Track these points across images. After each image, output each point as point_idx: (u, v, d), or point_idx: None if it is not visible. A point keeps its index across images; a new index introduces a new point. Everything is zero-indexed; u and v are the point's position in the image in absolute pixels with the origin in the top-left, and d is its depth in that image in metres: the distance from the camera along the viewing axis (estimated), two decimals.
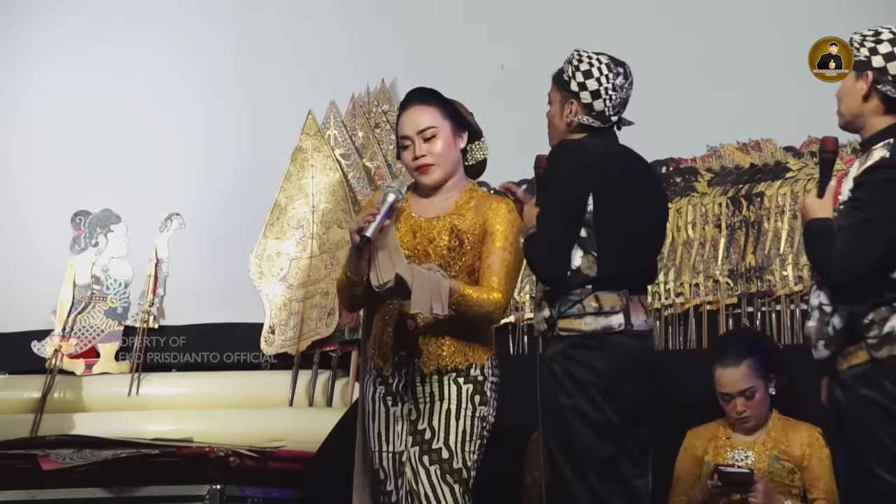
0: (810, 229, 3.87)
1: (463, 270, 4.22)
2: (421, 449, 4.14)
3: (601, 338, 4.15)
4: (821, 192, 3.90)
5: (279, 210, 6.42)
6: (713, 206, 5.99)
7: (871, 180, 3.76)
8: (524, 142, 4.66)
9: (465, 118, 4.34)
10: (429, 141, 4.27)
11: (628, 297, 4.20)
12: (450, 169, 4.30)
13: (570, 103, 4.29)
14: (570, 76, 4.29)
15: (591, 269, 4.16)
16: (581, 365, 4.13)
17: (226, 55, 6.71)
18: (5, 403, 6.23)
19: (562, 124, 4.32)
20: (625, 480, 4.19)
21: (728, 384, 5.02)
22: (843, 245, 3.74)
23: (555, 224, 4.17)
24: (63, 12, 6.83)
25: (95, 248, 6.55)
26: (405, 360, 4.20)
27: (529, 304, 5.99)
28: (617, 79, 4.29)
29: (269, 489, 5.38)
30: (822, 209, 3.86)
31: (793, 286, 5.77)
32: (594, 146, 4.26)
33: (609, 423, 4.13)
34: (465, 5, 6.52)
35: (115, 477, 5.18)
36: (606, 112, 4.28)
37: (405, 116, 4.32)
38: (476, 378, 4.20)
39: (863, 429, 3.74)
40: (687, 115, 6.05)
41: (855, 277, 3.73)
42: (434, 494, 4.09)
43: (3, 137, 6.80)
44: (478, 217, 4.24)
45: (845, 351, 3.78)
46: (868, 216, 3.73)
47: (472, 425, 4.16)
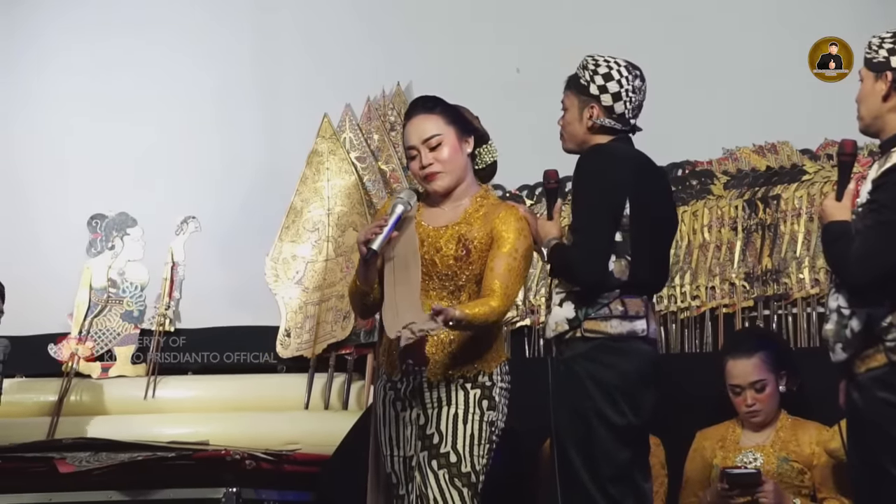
0: (828, 232, 3.87)
1: (471, 280, 4.21)
2: (430, 453, 4.14)
3: (626, 341, 4.16)
4: (839, 195, 3.89)
5: (295, 213, 6.43)
6: (729, 208, 5.98)
7: (889, 182, 3.76)
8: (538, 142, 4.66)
9: (469, 123, 4.33)
10: (434, 149, 4.26)
11: (648, 303, 4.23)
12: (458, 174, 4.29)
13: (590, 107, 4.29)
14: (588, 80, 4.28)
15: (624, 274, 4.17)
16: (607, 368, 4.13)
17: (241, 57, 6.72)
18: (22, 406, 6.24)
19: (580, 129, 4.31)
20: (636, 484, 4.20)
21: (739, 375, 5.01)
22: (861, 247, 3.74)
23: (597, 230, 4.16)
24: (73, 11, 6.84)
25: (112, 251, 6.56)
26: (412, 368, 4.20)
27: (545, 307, 5.98)
28: (635, 81, 4.30)
29: (285, 492, 5.39)
30: (841, 212, 3.86)
31: (809, 289, 5.76)
32: (625, 150, 4.27)
33: (629, 426, 4.14)
34: (479, 7, 6.52)
35: (132, 480, 5.19)
36: (626, 115, 4.29)
37: (409, 127, 4.32)
38: (484, 384, 4.19)
39: (880, 430, 3.74)
40: (703, 118, 6.05)
41: (872, 279, 3.73)
42: (443, 498, 4.08)
43: (20, 140, 6.81)
44: (486, 225, 4.23)
45: (863, 354, 3.78)
46: (886, 218, 3.73)
47: (480, 429, 4.15)
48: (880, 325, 3.74)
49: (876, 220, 3.75)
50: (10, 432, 5.77)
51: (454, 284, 4.19)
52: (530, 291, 6.11)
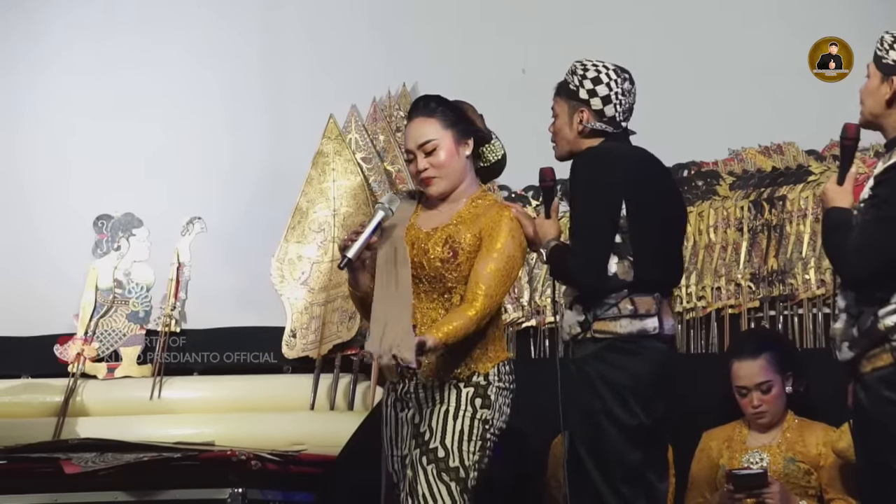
0: (829, 218, 3.86)
1: (460, 281, 4.18)
2: (421, 450, 4.14)
3: (636, 341, 4.15)
4: (840, 179, 3.89)
5: (300, 214, 6.43)
6: (735, 209, 5.98)
7: (891, 178, 3.75)
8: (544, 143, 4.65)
9: (470, 123, 4.32)
10: (430, 154, 4.26)
11: (661, 301, 4.21)
12: (454, 178, 4.28)
13: (580, 112, 4.30)
14: (577, 85, 4.30)
15: (628, 275, 4.17)
16: (617, 369, 4.13)
17: (247, 58, 6.72)
18: (28, 407, 6.25)
19: (572, 134, 4.32)
20: (649, 485, 4.20)
21: (745, 377, 5.01)
22: (859, 239, 3.73)
23: (594, 234, 4.17)
24: (78, 9, 6.84)
25: (117, 251, 6.57)
26: (407, 370, 4.19)
27: (551, 308, 5.99)
28: (624, 84, 4.31)
29: (291, 493, 5.38)
30: (842, 197, 3.85)
31: (815, 290, 5.76)
32: (619, 150, 4.27)
33: (640, 427, 4.14)
34: (485, 8, 6.52)
35: (138, 480, 5.18)
36: (617, 117, 4.29)
37: (408, 130, 4.33)
38: (479, 383, 4.17)
39: (886, 431, 3.74)
40: (709, 119, 6.04)
41: (869, 273, 3.72)
42: (430, 493, 4.08)
43: (25, 140, 6.81)
44: (475, 227, 4.20)
45: (869, 353, 3.78)
46: (886, 213, 3.72)
47: (472, 426, 4.13)
48: (886, 325, 3.73)
49: (876, 215, 3.74)
50: (16, 433, 5.77)
51: (443, 286, 4.18)
52: (536, 292, 6.11)
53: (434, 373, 4.16)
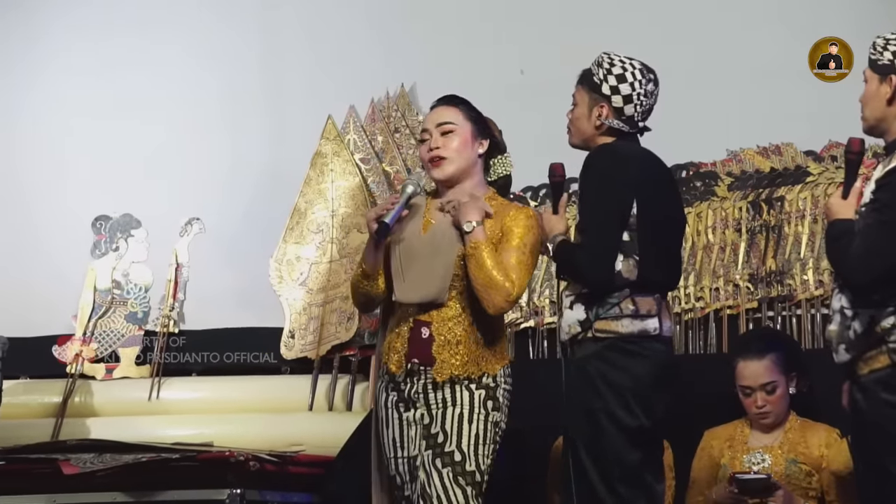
0: (832, 229, 3.86)
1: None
2: (434, 452, 4.14)
3: (637, 342, 4.15)
4: (845, 194, 3.89)
5: (299, 215, 6.43)
6: (733, 210, 5.98)
7: (893, 182, 3.75)
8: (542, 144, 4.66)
9: (488, 128, 4.35)
10: (445, 135, 4.28)
11: (661, 302, 4.21)
12: (462, 166, 4.29)
13: (600, 106, 4.28)
14: (601, 79, 4.28)
15: (632, 274, 4.16)
16: (619, 369, 4.13)
17: (245, 59, 6.72)
18: (26, 408, 6.24)
19: (589, 127, 4.31)
20: (648, 486, 4.20)
21: (750, 377, 5.00)
22: (862, 245, 3.73)
23: (604, 231, 4.16)
24: (76, 10, 6.85)
25: (116, 252, 6.57)
26: (418, 368, 4.20)
27: (549, 308, 5.99)
28: (648, 85, 4.29)
29: (289, 493, 5.38)
30: (846, 210, 3.85)
31: (813, 290, 5.76)
32: (632, 150, 4.26)
33: (640, 428, 4.14)
34: (484, 9, 6.52)
35: (136, 481, 5.18)
36: (636, 117, 4.28)
37: (429, 114, 4.38)
38: (488, 385, 4.19)
39: (883, 433, 3.73)
40: (707, 119, 6.04)
41: (872, 279, 3.72)
42: (446, 496, 4.09)
43: (24, 141, 6.82)
44: (496, 223, 4.24)
45: (866, 355, 3.78)
46: (888, 218, 3.72)
47: (486, 429, 4.15)
48: (883, 327, 3.74)
49: (877, 220, 3.74)
50: (15, 434, 5.77)
51: (462, 283, 4.20)
52: (534, 293, 6.11)
53: (447, 372, 4.17)
